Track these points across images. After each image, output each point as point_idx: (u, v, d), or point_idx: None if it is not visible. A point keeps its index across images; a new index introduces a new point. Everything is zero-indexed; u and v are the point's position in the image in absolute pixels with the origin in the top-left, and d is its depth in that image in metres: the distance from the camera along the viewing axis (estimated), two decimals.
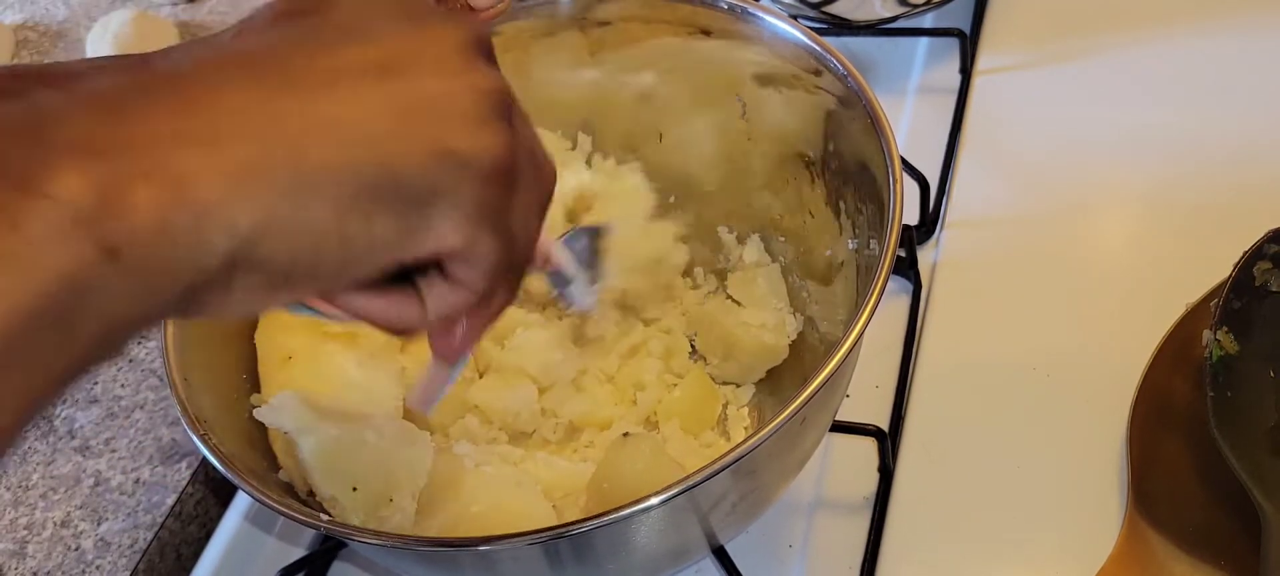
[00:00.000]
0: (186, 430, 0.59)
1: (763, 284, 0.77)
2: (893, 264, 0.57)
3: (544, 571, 0.58)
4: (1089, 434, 0.72)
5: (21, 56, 1.23)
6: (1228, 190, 0.84)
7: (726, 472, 0.52)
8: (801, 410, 0.52)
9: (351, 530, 0.58)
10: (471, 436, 0.73)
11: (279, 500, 0.56)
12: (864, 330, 0.55)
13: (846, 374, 0.64)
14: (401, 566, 0.64)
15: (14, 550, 0.78)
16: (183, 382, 0.60)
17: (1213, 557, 0.64)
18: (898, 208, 0.60)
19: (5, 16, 1.30)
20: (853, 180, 0.69)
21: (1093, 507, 0.69)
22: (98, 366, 0.31)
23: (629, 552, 0.59)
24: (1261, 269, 0.68)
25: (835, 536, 0.72)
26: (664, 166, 0.79)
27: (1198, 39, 0.96)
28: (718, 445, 0.75)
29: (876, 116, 0.64)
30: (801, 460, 0.64)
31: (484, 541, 0.54)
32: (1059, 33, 1.00)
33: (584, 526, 0.51)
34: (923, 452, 0.74)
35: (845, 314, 0.72)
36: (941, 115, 0.95)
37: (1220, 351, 0.67)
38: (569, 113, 0.79)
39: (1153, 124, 0.90)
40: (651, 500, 0.50)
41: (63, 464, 0.83)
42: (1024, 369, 0.77)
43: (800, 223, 0.76)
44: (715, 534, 0.62)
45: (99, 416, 0.85)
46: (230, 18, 1.21)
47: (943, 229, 0.87)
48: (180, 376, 0.61)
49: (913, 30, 1.02)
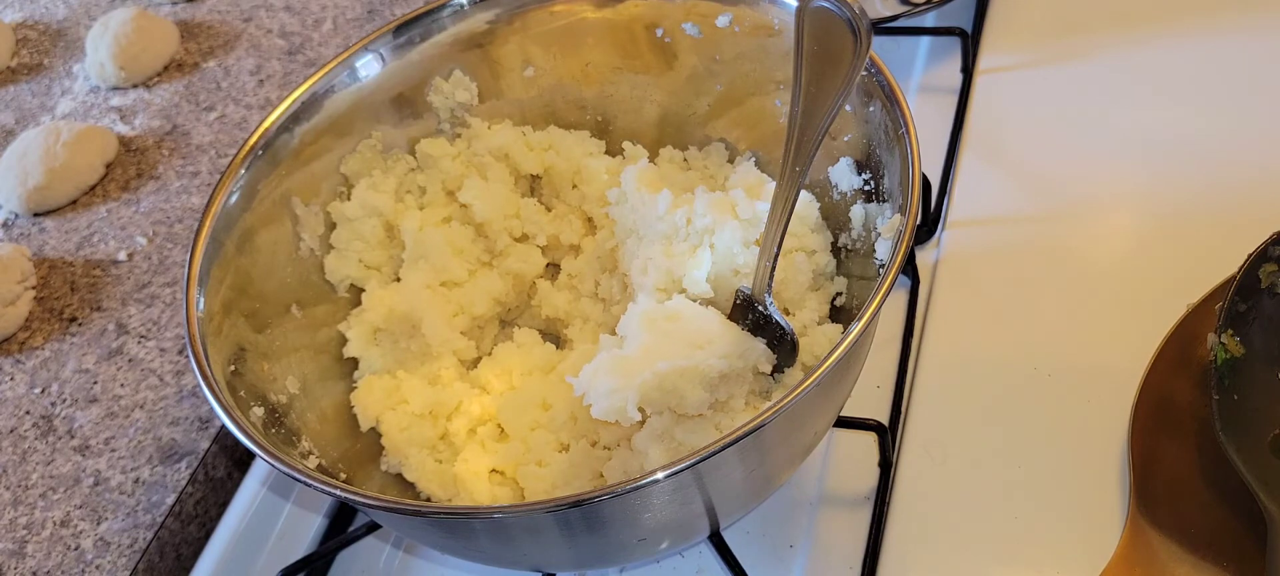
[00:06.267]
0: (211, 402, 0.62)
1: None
2: (905, 259, 0.58)
3: (556, 538, 0.60)
4: (1090, 433, 0.72)
5: (21, 55, 1.23)
6: (1229, 190, 0.84)
7: (733, 449, 0.53)
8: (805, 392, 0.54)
9: (368, 499, 0.59)
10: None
11: (299, 468, 0.58)
12: (876, 313, 0.57)
13: (855, 364, 0.65)
14: (419, 535, 0.65)
15: (14, 550, 0.78)
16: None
17: (1216, 559, 0.63)
18: (914, 204, 0.60)
19: (5, 15, 1.29)
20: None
21: (1094, 507, 0.69)
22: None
23: (637, 525, 0.60)
24: (1267, 271, 0.68)
25: (836, 534, 0.72)
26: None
27: (1199, 39, 0.96)
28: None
29: (906, 122, 0.65)
30: (807, 447, 0.65)
31: (499, 510, 0.57)
32: (1060, 32, 1.00)
33: (596, 497, 0.54)
34: (923, 452, 0.74)
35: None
36: (943, 114, 0.95)
37: (1225, 354, 0.66)
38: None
39: (1154, 123, 0.90)
40: (658, 475, 0.53)
41: (63, 464, 0.83)
42: (1025, 368, 0.77)
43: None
44: (717, 511, 0.63)
45: (99, 416, 0.85)
46: (230, 18, 1.21)
47: (944, 228, 0.87)
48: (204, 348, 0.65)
49: (914, 29, 1.02)
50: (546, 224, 0.83)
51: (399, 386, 0.76)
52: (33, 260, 0.98)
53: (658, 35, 0.80)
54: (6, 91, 1.18)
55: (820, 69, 0.65)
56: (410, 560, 0.79)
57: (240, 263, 0.72)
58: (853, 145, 0.73)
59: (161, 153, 1.06)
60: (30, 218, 1.03)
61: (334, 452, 0.72)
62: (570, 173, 0.83)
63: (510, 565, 0.66)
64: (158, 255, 0.97)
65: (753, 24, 0.76)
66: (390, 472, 0.74)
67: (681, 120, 0.84)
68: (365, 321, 0.78)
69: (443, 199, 0.82)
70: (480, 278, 0.80)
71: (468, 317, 0.79)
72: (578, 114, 0.85)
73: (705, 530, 0.64)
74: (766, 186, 0.77)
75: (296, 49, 1.15)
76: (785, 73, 0.70)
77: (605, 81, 0.83)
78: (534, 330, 0.80)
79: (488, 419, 0.75)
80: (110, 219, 1.01)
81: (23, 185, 1.02)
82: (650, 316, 0.69)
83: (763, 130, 0.81)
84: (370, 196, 0.79)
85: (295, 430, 0.70)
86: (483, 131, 0.82)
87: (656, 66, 0.82)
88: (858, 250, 0.74)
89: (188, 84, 1.13)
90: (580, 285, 0.81)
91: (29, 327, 0.93)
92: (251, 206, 0.73)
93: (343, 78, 0.78)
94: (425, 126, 0.82)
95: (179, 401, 0.85)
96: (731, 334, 0.68)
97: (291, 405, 0.71)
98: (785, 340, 0.69)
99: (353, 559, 0.79)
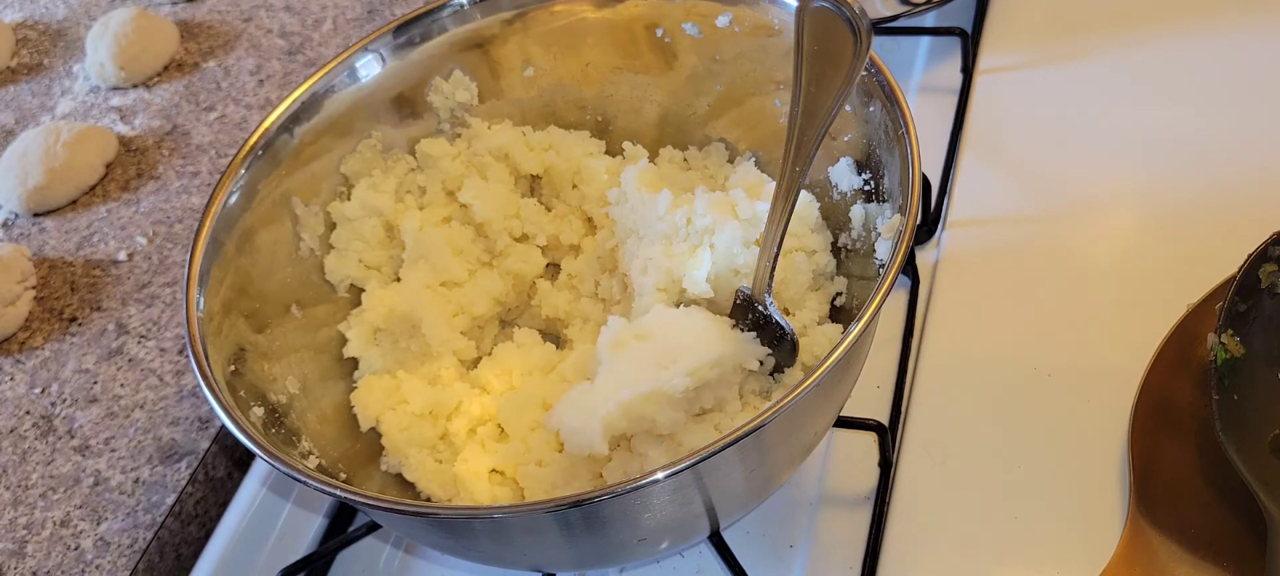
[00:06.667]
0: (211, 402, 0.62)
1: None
2: (905, 259, 0.59)
3: (556, 538, 0.60)
4: (1090, 433, 0.72)
5: (21, 55, 1.23)
6: (1229, 190, 0.84)
7: (733, 449, 0.53)
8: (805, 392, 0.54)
9: (368, 500, 0.59)
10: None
11: (299, 468, 0.58)
12: (877, 312, 0.57)
13: (856, 363, 0.65)
14: (418, 535, 0.65)
15: (14, 550, 0.78)
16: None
17: (1216, 559, 0.63)
18: (914, 204, 0.61)
19: (5, 15, 1.29)
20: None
21: (1094, 507, 0.69)
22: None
23: (637, 525, 0.60)
24: (1267, 271, 0.68)
25: (836, 534, 0.72)
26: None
27: (1199, 39, 0.96)
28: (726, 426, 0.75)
29: (906, 122, 0.65)
30: (807, 447, 0.65)
31: (499, 510, 0.57)
32: (1060, 32, 1.00)
33: (597, 497, 0.54)
34: (923, 452, 0.74)
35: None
36: (943, 114, 0.95)
37: (1225, 354, 0.66)
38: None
39: (1154, 123, 0.90)
40: (658, 475, 0.53)
41: (62, 464, 0.82)
42: (1025, 368, 0.77)
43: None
44: (717, 511, 0.63)
45: (99, 416, 0.85)
46: (230, 17, 1.21)
47: (944, 228, 0.87)
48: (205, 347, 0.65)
49: (914, 29, 1.02)
50: (546, 224, 0.83)
51: (399, 386, 0.76)
52: (33, 260, 0.98)
53: (658, 35, 0.80)
54: (6, 91, 1.18)
55: (820, 69, 0.65)
56: (410, 560, 0.79)
57: (240, 263, 0.72)
58: (853, 145, 0.73)
59: (161, 153, 1.06)
60: (30, 217, 1.03)
61: (334, 452, 0.72)
62: (570, 173, 0.83)
63: (510, 565, 0.66)
64: (158, 255, 0.97)
65: (753, 24, 0.76)
66: (390, 472, 0.74)
67: (681, 120, 0.84)
68: (365, 321, 0.78)
69: (443, 199, 0.82)
70: (480, 277, 0.80)
71: (468, 317, 0.79)
72: (578, 114, 0.85)
73: (705, 530, 0.64)
74: (766, 186, 0.77)
75: (296, 49, 1.15)
76: (785, 73, 0.70)
77: (605, 81, 0.83)
78: (534, 330, 0.80)
79: (488, 419, 0.75)
80: (110, 219, 1.01)
81: (23, 185, 1.02)
82: (617, 340, 0.69)
83: (763, 130, 0.81)
84: (370, 196, 0.80)
85: (295, 430, 0.70)
86: (483, 131, 0.82)
87: (656, 66, 0.82)
88: (858, 250, 0.74)
89: (188, 84, 1.13)
90: (580, 285, 0.81)
91: (29, 327, 0.93)
92: (251, 206, 0.73)
93: (343, 78, 0.78)
94: (425, 126, 0.82)
95: (179, 401, 0.85)
96: (710, 339, 0.68)
97: (291, 405, 0.71)
98: (785, 340, 0.69)
99: (353, 559, 0.79)
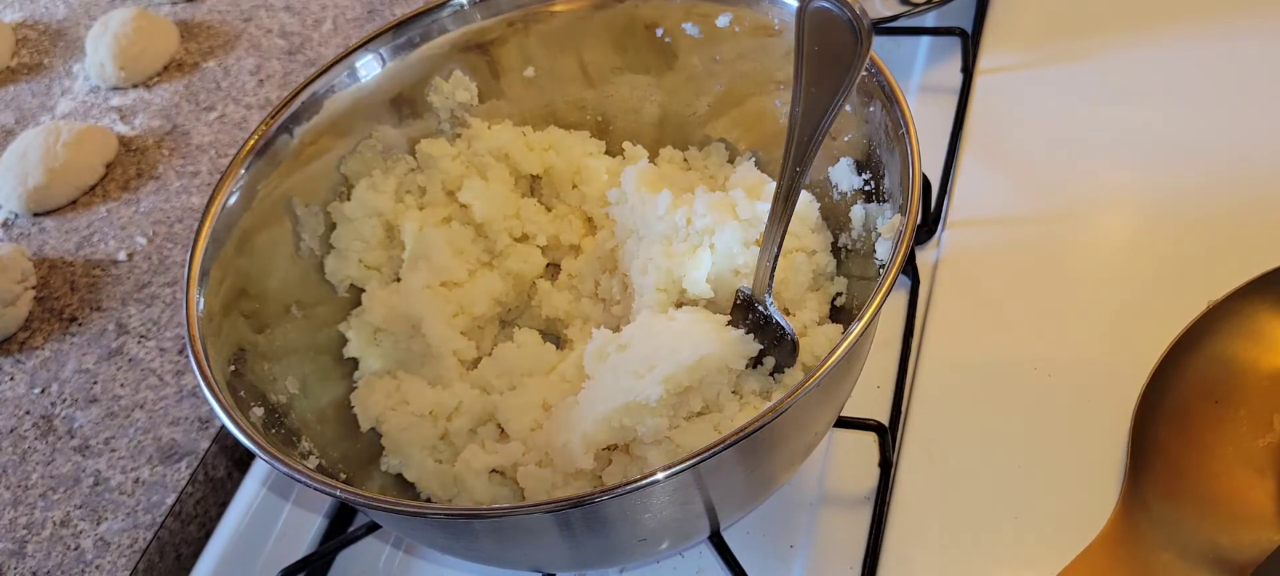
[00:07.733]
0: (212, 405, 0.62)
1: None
2: (905, 259, 0.59)
3: (556, 539, 0.60)
4: (1090, 433, 0.72)
5: (21, 55, 1.23)
6: (1229, 190, 0.84)
7: (733, 449, 0.53)
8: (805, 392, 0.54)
9: (368, 500, 0.59)
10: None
11: (299, 468, 0.58)
12: (877, 312, 0.57)
13: (856, 364, 0.65)
14: (418, 535, 0.65)
15: (14, 550, 0.78)
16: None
17: (1203, 557, 0.63)
18: (914, 204, 0.61)
19: (5, 15, 1.29)
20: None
21: (1094, 507, 0.69)
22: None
23: (637, 525, 0.60)
24: None
25: (836, 534, 0.72)
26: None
27: (1200, 39, 0.96)
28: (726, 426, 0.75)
29: (906, 122, 0.65)
30: (807, 447, 0.65)
31: (500, 510, 0.57)
32: (1060, 32, 1.00)
33: (597, 497, 0.54)
34: (923, 452, 0.74)
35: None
36: (943, 114, 0.95)
37: None
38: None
39: (1154, 124, 0.90)
40: (658, 475, 0.53)
41: (62, 464, 0.82)
42: (1025, 368, 0.77)
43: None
44: (717, 511, 0.63)
45: (99, 416, 0.85)
46: (230, 17, 1.21)
47: (944, 228, 0.87)
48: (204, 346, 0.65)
49: (914, 29, 1.02)
50: (546, 224, 0.83)
51: (399, 386, 0.76)
52: (33, 260, 0.98)
53: (658, 35, 0.80)
54: (6, 91, 1.18)
55: (821, 69, 0.65)
56: (410, 560, 0.79)
57: (240, 263, 0.72)
58: (853, 145, 0.73)
59: (161, 153, 1.06)
60: (30, 217, 1.03)
61: (334, 452, 0.72)
62: (570, 173, 0.83)
63: (510, 565, 0.66)
64: (158, 255, 0.97)
65: (753, 24, 0.76)
66: (390, 472, 0.74)
67: (681, 120, 0.84)
68: (365, 322, 0.78)
69: (443, 199, 0.82)
70: (480, 278, 0.80)
71: (468, 318, 0.79)
72: (578, 114, 0.85)
73: (705, 530, 0.64)
74: (766, 186, 0.77)
75: (296, 49, 1.15)
76: (785, 73, 0.70)
77: (605, 81, 0.83)
78: (534, 330, 0.80)
79: (488, 419, 0.75)
80: (110, 219, 1.01)
81: (23, 185, 1.02)
82: (600, 352, 0.69)
83: (763, 130, 0.81)
84: (370, 197, 0.80)
85: (295, 430, 0.70)
86: (483, 132, 0.82)
87: (656, 66, 0.82)
88: (858, 250, 0.74)
89: (188, 84, 1.13)
90: (580, 285, 0.81)
91: (29, 327, 0.93)
92: (251, 206, 0.73)
93: (343, 78, 0.78)
94: (425, 126, 0.82)
95: (179, 401, 0.85)
96: (690, 344, 0.67)
97: (291, 405, 0.71)
98: (785, 340, 0.69)
99: (353, 559, 0.79)
